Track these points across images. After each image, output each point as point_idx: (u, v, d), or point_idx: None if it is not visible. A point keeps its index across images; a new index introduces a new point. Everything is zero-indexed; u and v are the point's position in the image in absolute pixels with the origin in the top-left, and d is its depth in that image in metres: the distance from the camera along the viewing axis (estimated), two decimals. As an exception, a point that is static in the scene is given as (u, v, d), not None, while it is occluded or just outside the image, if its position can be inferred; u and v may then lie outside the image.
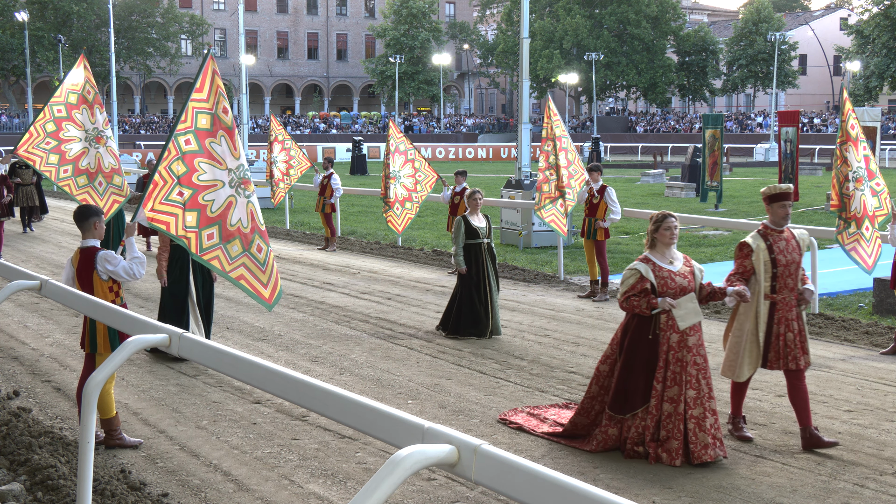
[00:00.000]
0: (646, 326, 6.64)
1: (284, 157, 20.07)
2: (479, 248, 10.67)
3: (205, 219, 7.08)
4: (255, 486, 6.23)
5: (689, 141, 54.96)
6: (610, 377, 6.81)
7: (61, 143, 10.32)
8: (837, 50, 72.62)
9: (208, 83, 7.18)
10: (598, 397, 6.87)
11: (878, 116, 29.13)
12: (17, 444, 6.67)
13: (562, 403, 7.91)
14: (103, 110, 10.73)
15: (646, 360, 6.61)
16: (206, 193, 7.09)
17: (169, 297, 9.54)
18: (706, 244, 18.65)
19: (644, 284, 6.60)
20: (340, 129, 77.30)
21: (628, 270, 6.72)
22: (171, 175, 6.97)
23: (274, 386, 3.98)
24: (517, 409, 7.73)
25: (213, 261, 7.12)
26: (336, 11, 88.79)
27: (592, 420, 6.91)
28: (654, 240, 6.76)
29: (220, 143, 7.17)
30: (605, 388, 6.83)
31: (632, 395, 6.63)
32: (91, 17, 68.63)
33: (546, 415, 7.51)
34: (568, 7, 75.36)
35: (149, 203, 6.94)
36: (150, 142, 61.34)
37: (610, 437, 6.73)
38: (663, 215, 6.79)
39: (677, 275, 6.69)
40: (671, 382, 6.56)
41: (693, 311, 6.68)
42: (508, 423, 7.39)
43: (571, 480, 2.67)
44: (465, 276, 10.62)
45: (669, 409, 6.55)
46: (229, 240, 7.16)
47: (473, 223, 10.71)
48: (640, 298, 6.59)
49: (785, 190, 7.00)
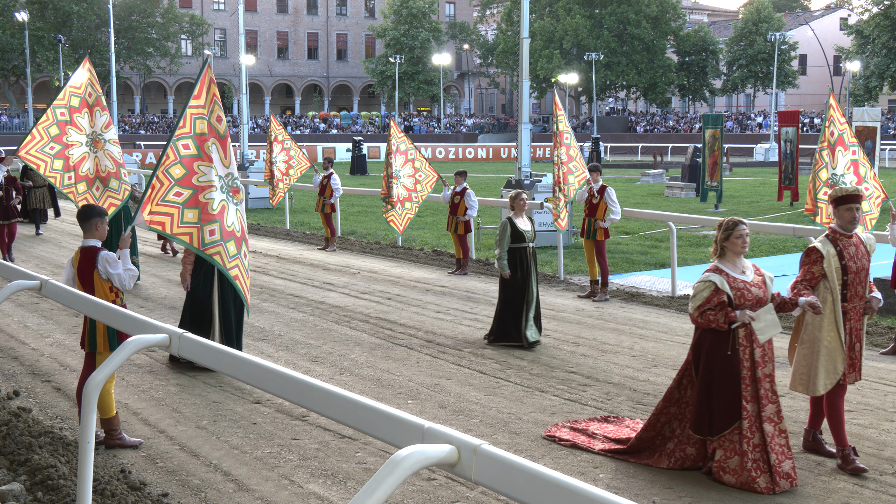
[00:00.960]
0: (722, 342, 6.21)
1: (284, 158, 20.07)
2: (525, 252, 10.23)
3: (206, 215, 7.12)
4: (255, 486, 6.23)
5: (689, 141, 54.96)
6: (677, 391, 6.47)
7: (65, 148, 10.28)
8: (837, 50, 72.62)
9: (205, 91, 7.22)
10: (664, 410, 6.53)
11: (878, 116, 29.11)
12: (17, 444, 6.67)
13: (600, 416, 7.54)
14: (105, 112, 10.66)
15: (726, 377, 6.19)
16: (206, 193, 7.13)
17: (191, 303, 9.25)
18: (706, 244, 18.63)
19: (720, 297, 6.17)
20: (340, 129, 77.30)
21: (701, 283, 6.28)
22: (169, 178, 7.00)
23: (274, 386, 3.99)
24: (558, 424, 7.36)
25: (215, 256, 7.16)
26: (336, 11, 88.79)
27: (658, 432, 6.58)
28: (723, 248, 6.32)
29: (216, 148, 7.22)
30: (671, 401, 6.49)
31: (718, 416, 6.22)
32: (91, 17, 68.63)
33: (590, 429, 7.17)
34: (568, 7, 75.36)
35: (147, 206, 6.96)
36: (150, 142, 61.32)
37: (688, 455, 6.40)
38: (734, 222, 6.32)
39: (752, 285, 6.26)
40: (766, 401, 6.19)
41: (772, 322, 6.25)
42: (558, 441, 7.01)
43: (571, 480, 2.67)
44: (509, 280, 10.17)
45: (771, 430, 6.16)
46: (228, 238, 7.20)
47: (519, 226, 10.27)
48: (717, 312, 6.16)
49: (853, 192, 6.62)
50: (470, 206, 15.37)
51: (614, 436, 6.97)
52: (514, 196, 10.42)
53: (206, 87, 7.23)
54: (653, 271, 15.46)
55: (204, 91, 7.21)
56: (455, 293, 13.57)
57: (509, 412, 7.82)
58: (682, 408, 6.49)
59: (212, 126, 7.23)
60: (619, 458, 6.65)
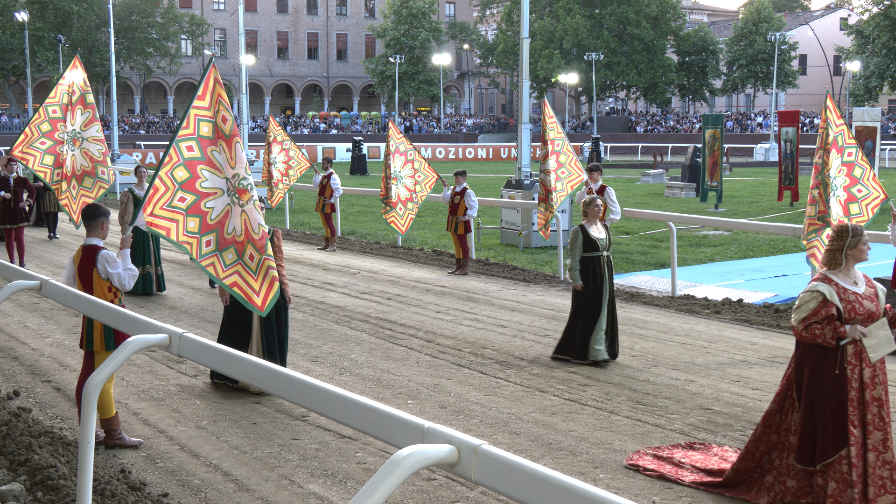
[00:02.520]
0: (829, 360, 5.65)
1: (283, 158, 20.06)
2: (598, 261, 9.53)
3: (205, 225, 7.09)
4: (255, 486, 6.23)
5: (689, 141, 54.95)
6: (778, 415, 5.89)
7: (56, 145, 10.33)
8: (837, 50, 72.60)
9: (210, 91, 7.18)
10: (763, 438, 5.93)
11: (878, 116, 29.12)
12: (17, 444, 6.67)
13: (685, 443, 6.92)
14: (88, 110, 10.64)
15: (833, 399, 5.62)
16: (208, 200, 7.10)
17: (229, 318, 8.54)
18: (706, 244, 18.64)
19: (829, 310, 5.61)
20: (340, 129, 77.31)
21: (808, 293, 5.70)
22: (173, 181, 6.98)
23: (274, 386, 3.99)
24: (640, 451, 6.76)
25: (209, 267, 7.13)
26: (336, 11, 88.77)
27: (756, 463, 5.97)
28: (846, 256, 5.75)
29: (221, 151, 7.18)
30: (772, 426, 5.91)
31: (821, 443, 5.62)
32: (91, 17, 68.62)
33: (675, 457, 6.58)
34: (568, 7, 75.34)
35: (148, 208, 6.95)
36: (149, 142, 61.33)
37: (788, 489, 5.81)
38: (859, 228, 5.78)
39: (864, 297, 5.71)
40: (872, 427, 5.61)
41: (886, 339, 5.67)
42: (643, 470, 6.43)
43: (571, 480, 2.67)
44: (582, 292, 9.51)
45: (873, 460, 5.59)
46: (225, 247, 7.16)
47: (592, 234, 9.56)
48: (825, 326, 5.60)
49: None
50: (470, 206, 15.37)
51: (703, 465, 6.40)
52: (587, 202, 9.71)
53: (212, 89, 7.19)
54: (653, 271, 15.46)
55: (209, 92, 7.18)
56: (455, 293, 13.57)
57: (509, 412, 7.82)
58: (783, 435, 5.89)
59: (217, 128, 7.19)
60: (714, 491, 6.08)
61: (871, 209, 10.60)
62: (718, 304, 12.42)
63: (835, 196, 10.29)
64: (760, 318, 11.52)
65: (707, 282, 14.34)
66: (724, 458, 6.48)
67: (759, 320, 11.44)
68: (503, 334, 10.78)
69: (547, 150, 13.59)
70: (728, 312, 11.92)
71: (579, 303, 9.54)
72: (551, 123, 13.78)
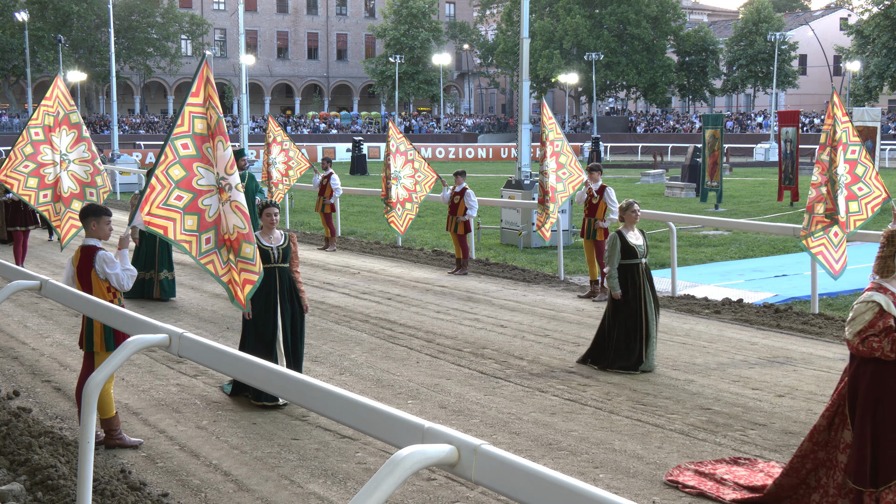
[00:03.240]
0: (889, 375, 5.32)
1: (283, 159, 20.06)
2: (637, 268, 9.32)
3: (203, 223, 7.08)
4: (255, 486, 6.23)
5: (689, 141, 54.95)
6: (827, 431, 5.57)
7: (40, 167, 10.26)
8: (837, 50, 72.63)
9: (203, 89, 7.18)
10: (810, 454, 5.62)
11: (878, 116, 29.15)
12: (17, 444, 6.67)
13: (729, 458, 6.63)
14: (73, 131, 10.56)
15: (892, 417, 5.31)
16: (205, 198, 7.09)
17: (253, 332, 8.15)
18: (706, 244, 18.64)
19: (886, 321, 5.30)
20: (340, 129, 77.31)
21: (863, 304, 5.39)
22: (169, 180, 6.97)
23: (274, 386, 3.99)
24: (680, 466, 6.49)
25: (208, 265, 7.12)
26: (336, 11, 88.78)
27: (802, 480, 5.67)
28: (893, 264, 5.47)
29: (213, 148, 7.18)
30: (819, 443, 5.60)
31: (883, 464, 5.31)
32: (91, 17, 68.62)
33: (718, 473, 6.30)
34: (568, 7, 75.36)
35: (146, 207, 6.95)
36: (149, 142, 61.32)
37: None
38: None
39: None
40: None
41: None
42: (682, 487, 6.15)
43: (571, 480, 2.67)
44: (620, 301, 9.23)
45: None
46: (221, 245, 7.16)
47: (630, 240, 9.35)
48: (883, 339, 5.27)
49: None
50: (470, 206, 15.37)
51: (747, 482, 6.10)
52: (624, 207, 9.50)
53: (204, 86, 7.19)
54: (653, 271, 15.39)
55: (202, 89, 7.18)
56: (455, 293, 13.57)
57: (509, 412, 7.82)
58: (832, 452, 5.56)
59: (208, 125, 7.19)
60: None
61: (871, 208, 10.60)
62: (718, 304, 12.42)
63: (841, 193, 10.31)
64: (760, 318, 11.51)
65: (707, 282, 14.34)
66: (769, 475, 6.19)
67: (759, 320, 11.44)
68: (503, 334, 10.78)
69: (546, 151, 13.60)
70: (728, 312, 11.92)
71: (618, 312, 9.24)
72: (550, 125, 13.78)
